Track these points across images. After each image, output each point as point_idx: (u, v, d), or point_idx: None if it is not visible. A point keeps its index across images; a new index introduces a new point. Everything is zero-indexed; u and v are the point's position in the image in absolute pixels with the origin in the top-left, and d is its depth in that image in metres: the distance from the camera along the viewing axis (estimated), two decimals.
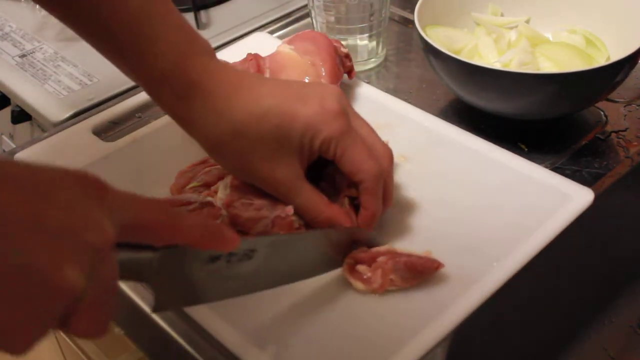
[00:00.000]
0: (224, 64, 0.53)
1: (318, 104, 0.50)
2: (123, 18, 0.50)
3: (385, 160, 0.53)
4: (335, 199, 0.54)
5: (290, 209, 0.52)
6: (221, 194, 0.55)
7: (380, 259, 0.51)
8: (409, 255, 0.51)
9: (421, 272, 0.50)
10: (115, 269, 0.35)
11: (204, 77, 0.51)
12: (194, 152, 0.63)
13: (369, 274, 0.50)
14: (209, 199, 0.55)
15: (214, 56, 0.53)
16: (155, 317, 0.51)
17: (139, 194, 0.36)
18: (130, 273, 0.36)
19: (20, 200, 0.30)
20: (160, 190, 0.59)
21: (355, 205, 0.54)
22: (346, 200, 0.54)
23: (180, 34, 0.51)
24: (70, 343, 0.86)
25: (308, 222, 0.53)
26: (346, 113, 0.51)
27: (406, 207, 0.58)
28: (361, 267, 0.51)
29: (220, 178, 0.56)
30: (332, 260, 0.51)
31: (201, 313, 0.50)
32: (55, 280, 0.31)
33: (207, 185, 0.58)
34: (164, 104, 0.52)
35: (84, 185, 0.34)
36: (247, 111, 0.50)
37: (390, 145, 0.60)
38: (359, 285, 0.50)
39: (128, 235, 0.35)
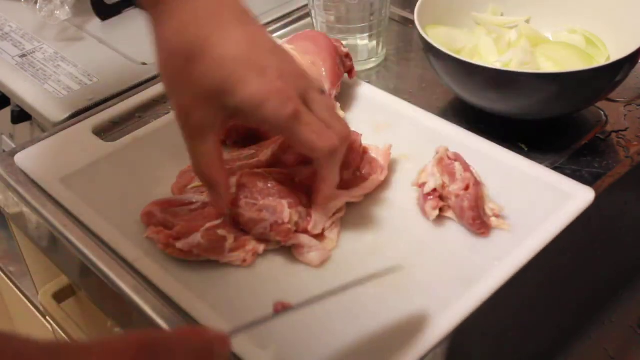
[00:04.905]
0: None
1: (270, 81, 0.47)
2: None
3: (339, 138, 0.51)
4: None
5: (286, 216, 0.52)
6: None
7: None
8: None
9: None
10: None
11: None
12: None
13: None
14: None
15: None
16: (155, 317, 0.51)
17: (105, 346, 0.34)
18: None
19: None
20: (161, 190, 0.59)
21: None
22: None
23: None
24: (66, 338, 0.86)
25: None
26: (299, 95, 0.49)
27: (407, 206, 0.58)
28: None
29: None
30: None
31: (201, 312, 0.50)
32: None
33: None
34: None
35: None
36: (205, 44, 0.47)
37: (391, 145, 0.60)
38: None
39: None
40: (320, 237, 0.54)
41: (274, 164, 0.58)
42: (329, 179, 0.53)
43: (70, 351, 0.33)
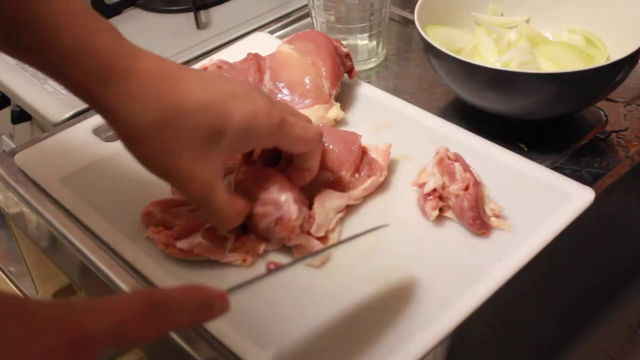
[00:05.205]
0: (135, 46, 0.48)
1: (248, 102, 0.48)
2: None
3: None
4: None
5: (294, 211, 0.51)
6: None
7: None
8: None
9: None
10: None
11: (121, 58, 0.45)
12: None
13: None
14: None
15: (122, 37, 0.47)
16: None
17: (112, 302, 0.34)
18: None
19: None
20: (161, 190, 0.59)
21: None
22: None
23: (78, 7, 0.45)
24: None
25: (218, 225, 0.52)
26: (273, 103, 0.50)
27: (407, 206, 0.58)
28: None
29: None
30: None
31: None
32: None
33: None
34: (75, 86, 0.46)
35: (72, 356, 0.32)
36: (177, 102, 0.46)
37: (391, 144, 0.60)
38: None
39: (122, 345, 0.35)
40: (323, 239, 0.54)
41: (273, 158, 0.57)
42: (315, 166, 0.55)
43: (78, 307, 0.33)
